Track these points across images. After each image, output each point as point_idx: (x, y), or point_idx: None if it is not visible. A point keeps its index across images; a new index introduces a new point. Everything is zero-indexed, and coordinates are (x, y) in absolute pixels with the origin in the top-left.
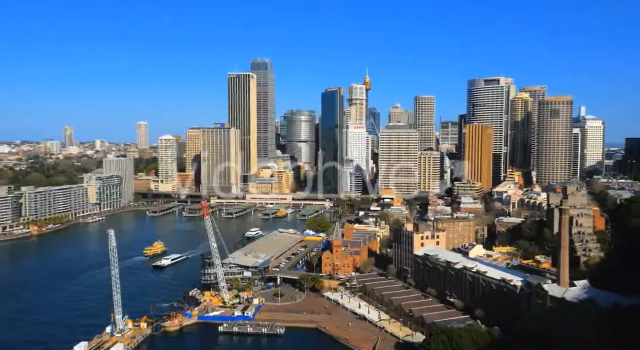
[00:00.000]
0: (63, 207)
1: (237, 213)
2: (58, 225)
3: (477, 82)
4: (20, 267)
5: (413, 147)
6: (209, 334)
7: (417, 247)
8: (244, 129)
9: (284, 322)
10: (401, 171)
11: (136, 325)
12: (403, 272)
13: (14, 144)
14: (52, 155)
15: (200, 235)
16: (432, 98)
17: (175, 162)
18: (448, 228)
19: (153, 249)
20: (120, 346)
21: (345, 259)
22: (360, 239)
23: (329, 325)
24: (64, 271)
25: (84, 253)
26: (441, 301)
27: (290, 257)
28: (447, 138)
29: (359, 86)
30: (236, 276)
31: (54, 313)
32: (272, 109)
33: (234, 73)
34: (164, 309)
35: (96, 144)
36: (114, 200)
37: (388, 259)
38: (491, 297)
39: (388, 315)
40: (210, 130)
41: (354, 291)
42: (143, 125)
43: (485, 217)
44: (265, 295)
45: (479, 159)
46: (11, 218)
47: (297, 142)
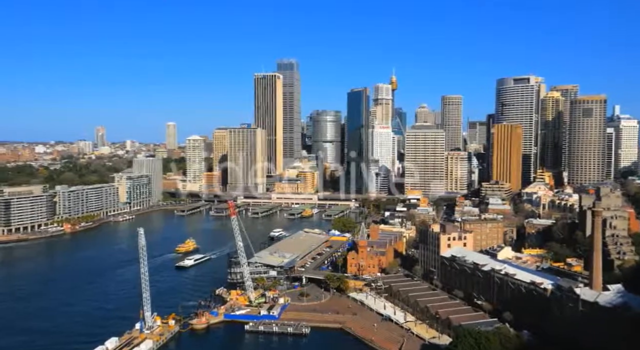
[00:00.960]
0: (95, 205)
1: (262, 212)
2: (90, 224)
3: (506, 81)
4: (54, 263)
5: (439, 147)
6: (235, 332)
7: (443, 248)
8: (270, 128)
9: (309, 321)
10: (427, 171)
11: (164, 322)
12: (429, 273)
13: (48, 144)
14: (84, 155)
15: (226, 234)
16: (459, 97)
17: (202, 162)
18: (475, 229)
19: (185, 246)
20: (149, 342)
21: (371, 259)
22: (386, 239)
23: (353, 326)
24: (95, 268)
25: (115, 251)
26: (468, 303)
27: (316, 257)
28: (475, 138)
29: (384, 86)
30: (262, 275)
31: (85, 308)
32: (297, 108)
33: (260, 73)
34: (191, 306)
35: (126, 144)
36: (143, 199)
37: (414, 259)
38: (520, 300)
39: (414, 317)
40: (236, 130)
41: (379, 292)
42: (171, 126)
43: (514, 219)
44: (290, 295)
45: (508, 159)
46: (46, 216)
47: (322, 142)
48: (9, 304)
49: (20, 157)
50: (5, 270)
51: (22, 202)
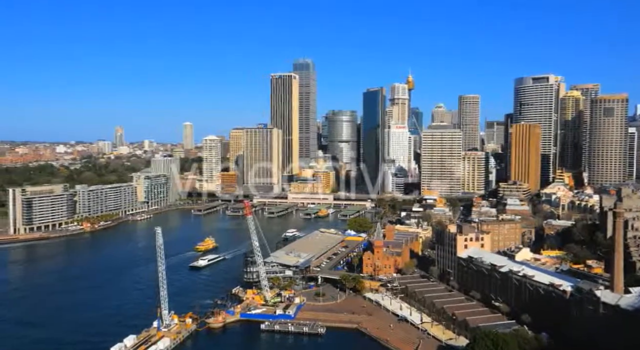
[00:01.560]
0: (113, 204)
1: (278, 212)
2: (109, 222)
3: (525, 80)
4: (73, 262)
5: (456, 147)
6: (251, 331)
7: (460, 249)
8: (286, 128)
9: (325, 321)
10: (444, 171)
11: (181, 321)
12: (445, 274)
13: (69, 144)
14: (103, 155)
15: (242, 234)
16: (476, 97)
17: (219, 162)
18: (493, 230)
19: (204, 245)
20: (167, 340)
21: (387, 260)
22: (402, 239)
23: (369, 326)
24: (114, 266)
25: (133, 249)
26: (485, 305)
27: (331, 257)
28: (492, 138)
29: (401, 85)
30: (277, 275)
31: (104, 306)
32: (313, 108)
33: (276, 74)
34: (208, 305)
35: (144, 144)
36: (160, 198)
37: (430, 260)
38: (538, 301)
39: (430, 318)
40: (252, 130)
41: (395, 292)
42: (188, 126)
43: (533, 219)
44: (306, 295)
45: (526, 159)
46: (66, 215)
47: (338, 142)
48: (31, 301)
49: (42, 157)
50: (27, 268)
51: (44, 201)
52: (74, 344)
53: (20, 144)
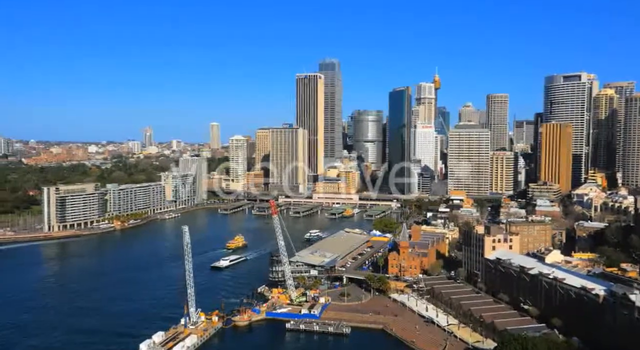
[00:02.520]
0: (143, 203)
1: (304, 212)
2: (138, 221)
3: (556, 79)
4: (105, 259)
5: (484, 147)
6: (276, 330)
7: (488, 251)
8: (312, 128)
9: (350, 321)
10: (471, 172)
11: (208, 318)
12: (473, 275)
13: (100, 144)
14: (133, 155)
15: (267, 234)
16: (505, 96)
17: (245, 162)
18: (522, 231)
19: (235, 242)
20: (194, 337)
21: (412, 261)
22: (428, 240)
23: (395, 327)
24: (143, 264)
25: (161, 247)
26: (514, 307)
27: (356, 257)
28: (522, 137)
29: (427, 85)
30: (303, 274)
31: (133, 302)
32: (339, 108)
33: (302, 74)
34: (234, 304)
35: (172, 144)
36: (188, 197)
37: (457, 261)
38: (569, 305)
39: (457, 320)
40: (278, 130)
41: (421, 293)
42: (215, 126)
43: (564, 221)
44: (331, 294)
45: (557, 159)
46: (97, 213)
47: (363, 142)
48: (62, 299)
49: (74, 157)
50: (60, 265)
51: (76, 199)
52: (105, 340)
53: (54, 144)
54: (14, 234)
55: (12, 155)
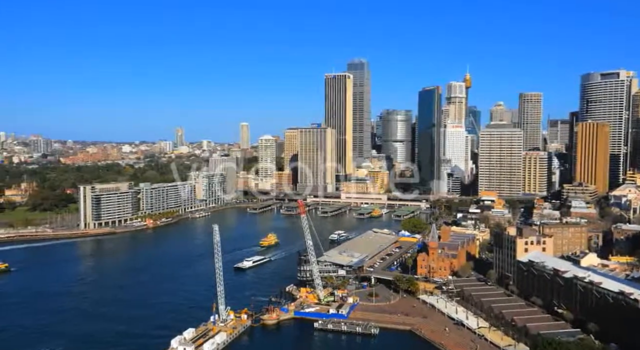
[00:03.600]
0: (174, 202)
1: (332, 212)
2: (169, 219)
3: (592, 76)
4: (137, 256)
5: (516, 147)
6: (304, 329)
7: (520, 253)
8: (340, 128)
9: (378, 322)
10: (503, 172)
11: (237, 316)
12: (504, 278)
13: (133, 143)
14: (165, 154)
15: (295, 233)
16: (538, 94)
17: (273, 161)
18: (556, 233)
19: (267, 240)
20: (223, 335)
21: (442, 262)
22: (458, 241)
23: (424, 329)
24: (175, 261)
25: (192, 245)
26: (547, 311)
27: (385, 257)
28: (556, 137)
29: (458, 84)
30: (331, 274)
31: (165, 299)
32: (367, 108)
33: (331, 74)
34: (262, 302)
35: (203, 144)
36: (218, 197)
37: (488, 263)
38: (606, 310)
39: (487, 323)
40: (307, 130)
41: (451, 295)
42: (245, 126)
43: (600, 223)
44: (359, 294)
45: (593, 159)
46: (131, 211)
47: (392, 142)
48: (98, 294)
49: (109, 156)
50: (96, 262)
51: (111, 198)
52: (136, 335)
53: (90, 144)
54: (52, 231)
55: (51, 155)
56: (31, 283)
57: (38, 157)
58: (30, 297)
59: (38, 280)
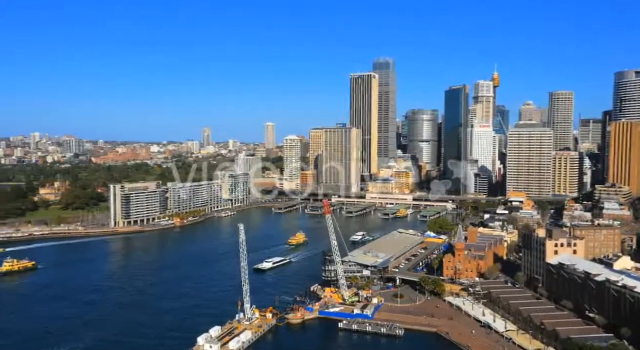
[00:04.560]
0: (201, 201)
1: (356, 212)
2: (196, 218)
3: (627, 74)
4: (165, 254)
5: (546, 147)
6: (328, 329)
7: (549, 255)
8: (365, 128)
9: (403, 323)
10: (531, 172)
11: (262, 315)
12: (533, 280)
13: (161, 143)
14: (192, 154)
15: (320, 233)
16: (569, 93)
17: (298, 161)
18: (587, 235)
19: (296, 239)
20: (248, 333)
21: (468, 263)
22: (485, 242)
23: (450, 331)
24: (201, 259)
25: (218, 244)
26: (578, 315)
27: (410, 258)
28: (587, 137)
29: (485, 82)
30: (355, 274)
31: (191, 296)
32: (393, 108)
33: (356, 73)
34: (287, 301)
35: (229, 144)
36: (243, 196)
37: (516, 265)
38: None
39: (515, 326)
40: (331, 130)
41: (478, 297)
42: (270, 126)
43: (634, 225)
44: (384, 295)
45: (627, 159)
46: (158, 210)
47: (418, 142)
48: (127, 291)
49: (138, 156)
50: (126, 259)
51: (140, 197)
52: (164, 332)
53: (120, 144)
54: (84, 228)
55: (83, 154)
56: (56, 280)
57: (70, 156)
58: (54, 294)
59: (63, 278)
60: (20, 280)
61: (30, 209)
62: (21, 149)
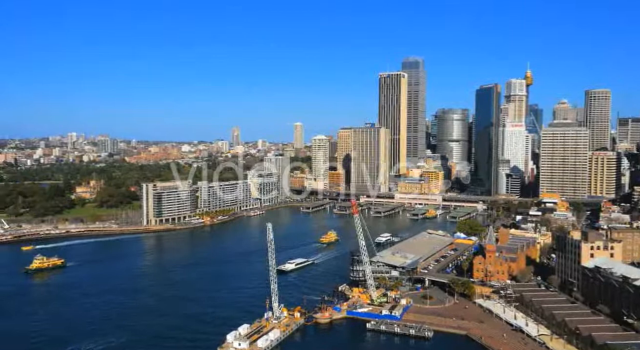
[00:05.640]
0: (230, 200)
1: (385, 212)
2: (226, 217)
3: None
4: (196, 252)
5: (582, 147)
6: (356, 329)
7: (585, 258)
8: (394, 128)
9: (432, 325)
10: (566, 173)
11: (290, 314)
12: (567, 284)
13: (192, 143)
14: (221, 154)
15: (347, 233)
16: (606, 92)
17: (327, 161)
18: (625, 238)
19: (327, 237)
20: (277, 332)
21: (500, 265)
22: (517, 244)
23: (480, 334)
24: (230, 258)
25: (247, 243)
26: (615, 321)
27: (439, 259)
28: (626, 136)
29: (518, 81)
30: (384, 275)
31: (221, 294)
32: (422, 107)
33: (385, 73)
34: (315, 301)
35: (258, 144)
36: (272, 195)
37: (549, 268)
38: None
39: (549, 330)
40: (360, 130)
41: (509, 300)
42: (298, 126)
43: None
44: (412, 296)
45: None
46: (189, 209)
47: (448, 141)
48: (158, 289)
49: (170, 156)
50: (159, 256)
51: (171, 196)
52: (193, 328)
53: (152, 144)
54: (118, 226)
55: (117, 154)
56: (85, 278)
57: (105, 156)
58: (84, 291)
59: (93, 275)
60: (50, 277)
61: (67, 207)
62: (59, 149)
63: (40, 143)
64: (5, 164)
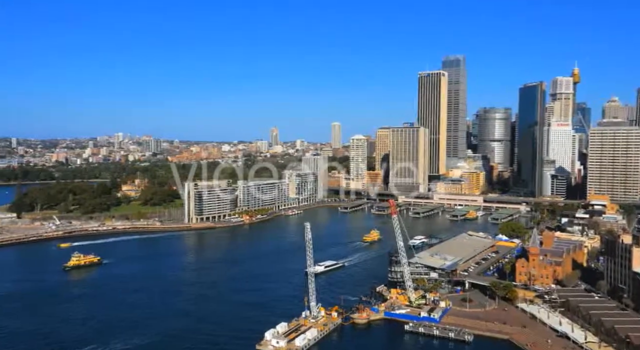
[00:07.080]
0: (269, 200)
1: (424, 212)
2: (264, 216)
3: None
4: (236, 250)
5: (634, 147)
6: (394, 331)
7: (636, 263)
8: (433, 127)
9: (472, 328)
10: (616, 174)
11: (328, 314)
12: (617, 290)
13: (232, 143)
14: (260, 153)
15: (385, 234)
16: None
17: (365, 161)
18: None
19: (370, 236)
20: (314, 331)
21: (544, 269)
22: (562, 248)
23: (523, 339)
24: (269, 256)
25: (285, 242)
26: None
27: (480, 262)
28: None
29: (564, 79)
30: (422, 276)
31: (259, 292)
32: (463, 107)
33: (424, 72)
34: (352, 301)
35: (296, 144)
36: (309, 195)
37: (597, 273)
38: None
39: (597, 337)
40: (399, 130)
41: (554, 305)
42: (336, 126)
43: None
44: (451, 299)
45: None
46: (229, 207)
47: (489, 141)
48: (200, 287)
49: (211, 155)
50: (201, 253)
51: (212, 194)
52: (233, 326)
53: (193, 143)
54: (161, 224)
55: (160, 153)
56: (117, 276)
57: (149, 155)
58: (127, 287)
59: (127, 274)
60: (85, 274)
61: (114, 205)
62: (106, 148)
63: (89, 143)
64: (57, 163)
